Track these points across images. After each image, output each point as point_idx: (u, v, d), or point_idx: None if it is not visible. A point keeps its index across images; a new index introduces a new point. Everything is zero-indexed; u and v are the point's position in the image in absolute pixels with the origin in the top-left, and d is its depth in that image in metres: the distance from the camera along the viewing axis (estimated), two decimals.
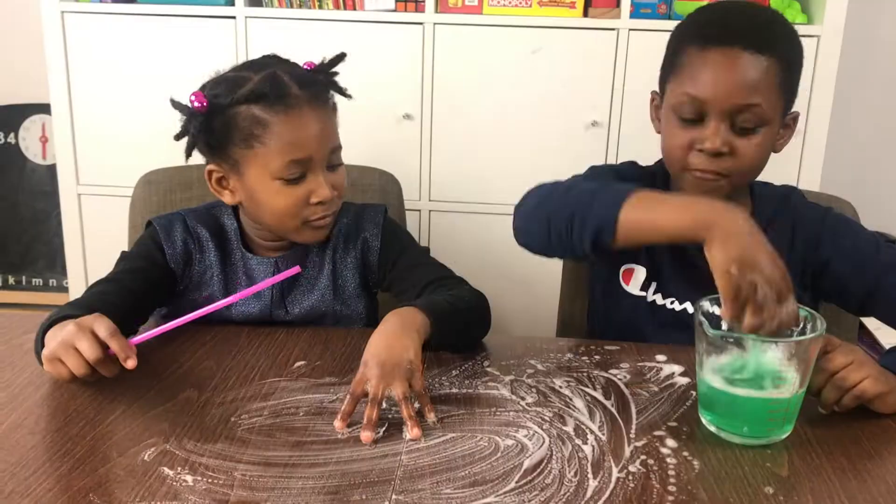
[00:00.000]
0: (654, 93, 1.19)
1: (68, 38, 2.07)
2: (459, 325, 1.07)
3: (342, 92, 1.20)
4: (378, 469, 0.81)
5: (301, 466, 0.81)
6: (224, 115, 1.09)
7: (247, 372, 1.01)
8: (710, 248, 0.88)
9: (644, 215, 0.95)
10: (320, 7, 2.04)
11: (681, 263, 1.18)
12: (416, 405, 0.91)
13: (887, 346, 1.92)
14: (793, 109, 1.13)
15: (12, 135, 2.58)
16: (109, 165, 2.11)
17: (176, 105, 1.12)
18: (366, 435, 0.86)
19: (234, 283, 1.19)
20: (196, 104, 1.09)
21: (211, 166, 1.15)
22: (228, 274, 1.19)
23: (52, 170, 2.45)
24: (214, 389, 0.97)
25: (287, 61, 1.16)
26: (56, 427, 0.88)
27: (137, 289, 1.12)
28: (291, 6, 2.04)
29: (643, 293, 1.20)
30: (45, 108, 2.35)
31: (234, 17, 2.03)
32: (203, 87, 1.13)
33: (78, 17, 2.06)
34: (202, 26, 2.04)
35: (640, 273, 1.21)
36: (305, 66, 1.16)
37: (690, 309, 1.18)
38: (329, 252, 1.22)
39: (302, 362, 1.04)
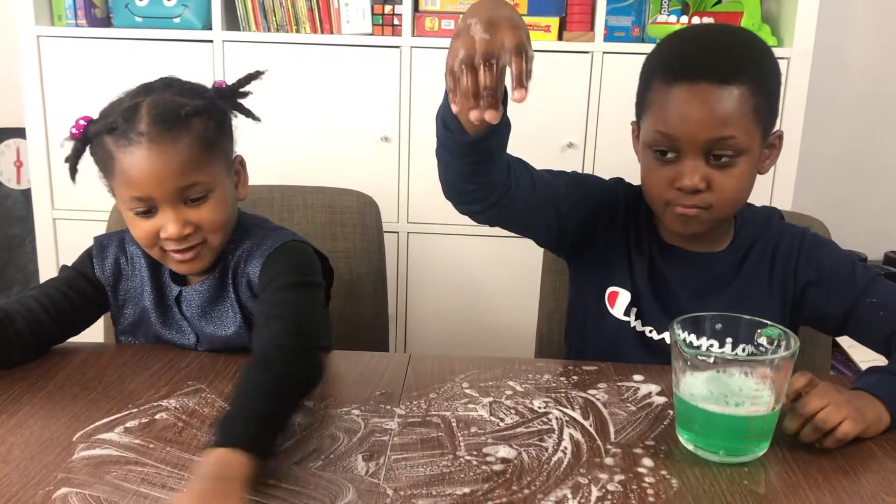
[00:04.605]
0: (633, 123, 1.18)
1: (44, 62, 2.06)
2: (281, 423, 0.89)
3: (249, 114, 1.17)
4: (359, 489, 0.81)
5: (278, 494, 0.81)
6: (95, 143, 1.10)
7: (225, 396, 1.01)
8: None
9: None
10: (298, 31, 2.05)
11: (660, 292, 1.18)
12: None
13: (861, 364, 1.96)
14: (775, 129, 1.12)
15: None
16: (85, 190, 2.08)
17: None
18: None
19: (165, 300, 1.19)
20: (74, 132, 1.10)
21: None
22: (160, 293, 1.19)
23: (26, 195, 2.42)
24: (192, 415, 0.96)
25: (178, 85, 1.13)
26: (30, 455, 0.86)
27: (60, 298, 1.14)
28: (269, 30, 2.06)
29: (626, 318, 1.20)
30: (19, 133, 2.33)
31: (211, 41, 2.03)
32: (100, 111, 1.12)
33: (53, 42, 2.06)
34: (179, 50, 2.04)
35: (624, 297, 1.20)
36: (215, 86, 1.15)
37: (669, 339, 1.18)
38: (230, 280, 1.16)
39: None
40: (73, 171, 1.12)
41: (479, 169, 0.99)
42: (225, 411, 0.88)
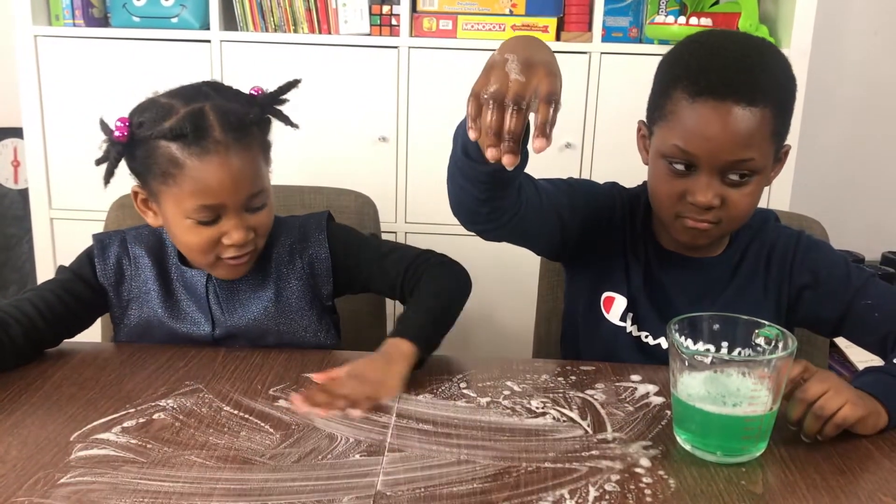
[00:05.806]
0: (641, 123, 1.15)
1: (41, 62, 2.06)
2: (446, 324, 1.13)
3: (287, 121, 1.17)
4: (357, 488, 0.81)
5: (275, 494, 0.80)
6: (145, 146, 1.08)
7: (222, 396, 1.01)
8: None
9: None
10: (296, 31, 2.05)
11: (656, 298, 1.18)
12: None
13: (859, 365, 1.96)
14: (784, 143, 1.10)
15: None
16: (82, 190, 2.09)
17: (103, 127, 1.11)
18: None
19: (173, 297, 1.19)
20: (117, 133, 1.08)
21: (136, 187, 1.14)
22: (167, 289, 1.19)
23: (23, 194, 2.42)
24: (190, 415, 0.96)
25: (226, 90, 1.13)
26: (27, 455, 0.86)
27: (56, 301, 1.13)
28: (267, 30, 2.05)
29: (623, 323, 1.20)
30: (17, 132, 2.33)
31: (209, 41, 2.03)
32: (133, 112, 1.11)
33: (51, 41, 2.05)
34: (177, 50, 2.04)
35: (621, 302, 1.20)
36: (252, 92, 1.14)
37: (664, 344, 1.18)
38: (272, 267, 1.20)
39: (279, 386, 1.04)
40: (111, 175, 1.10)
41: (495, 195, 0.98)
42: (402, 313, 1.12)
